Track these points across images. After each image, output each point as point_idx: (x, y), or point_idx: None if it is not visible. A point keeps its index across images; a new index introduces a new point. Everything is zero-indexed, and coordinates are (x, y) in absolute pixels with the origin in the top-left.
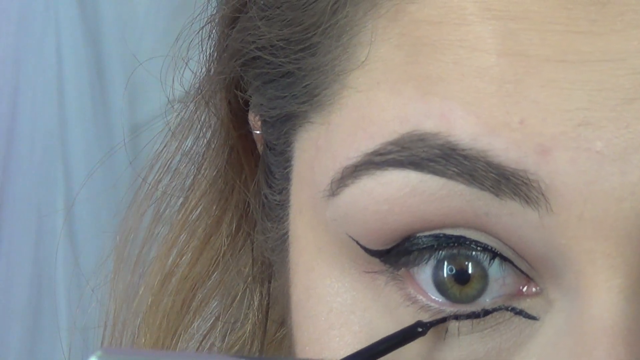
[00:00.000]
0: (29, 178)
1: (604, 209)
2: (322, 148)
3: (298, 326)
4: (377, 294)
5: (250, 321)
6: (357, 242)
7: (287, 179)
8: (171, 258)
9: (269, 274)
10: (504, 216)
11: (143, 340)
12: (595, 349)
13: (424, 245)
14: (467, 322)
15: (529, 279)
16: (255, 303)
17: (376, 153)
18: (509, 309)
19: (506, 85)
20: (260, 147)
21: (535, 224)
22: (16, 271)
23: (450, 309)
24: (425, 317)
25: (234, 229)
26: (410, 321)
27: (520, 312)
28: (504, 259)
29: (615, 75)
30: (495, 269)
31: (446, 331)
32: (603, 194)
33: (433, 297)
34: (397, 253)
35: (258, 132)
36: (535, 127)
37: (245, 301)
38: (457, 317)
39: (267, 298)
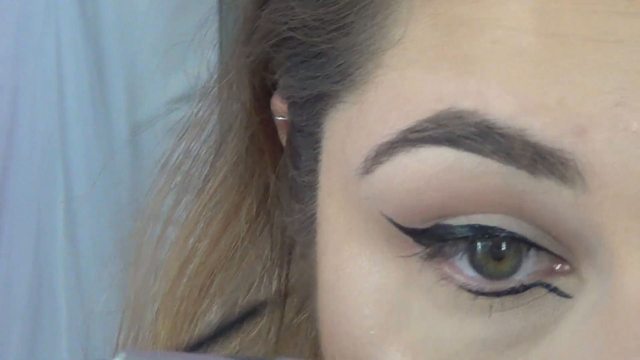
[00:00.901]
0: (29, 178)
1: None
2: (354, 127)
3: (325, 307)
4: (410, 273)
5: (267, 307)
6: (391, 221)
7: (315, 160)
8: (190, 243)
9: (288, 260)
10: (539, 195)
11: (161, 326)
12: (627, 327)
13: (459, 236)
14: (506, 299)
15: (563, 259)
16: (273, 289)
17: (412, 130)
18: (545, 285)
19: (544, 65)
20: (281, 133)
21: (571, 203)
22: (16, 271)
23: (489, 286)
24: (464, 297)
25: (253, 214)
26: (448, 301)
27: (554, 289)
28: (539, 248)
29: None
30: (531, 253)
31: (490, 307)
32: (639, 174)
33: (470, 275)
34: (431, 237)
35: (280, 117)
36: (572, 107)
37: (263, 287)
38: (497, 294)
39: (285, 284)
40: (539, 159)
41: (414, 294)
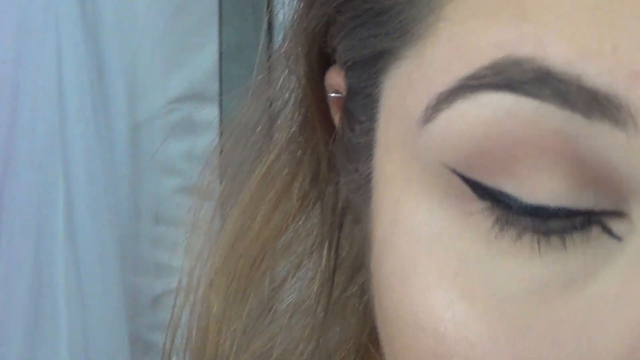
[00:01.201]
0: (29, 178)
1: None
2: (415, 80)
3: (381, 261)
4: (467, 222)
5: (317, 282)
6: (453, 170)
7: (373, 119)
8: (242, 220)
9: (337, 237)
10: (593, 138)
11: (214, 300)
12: None
13: (525, 212)
14: (558, 238)
15: (615, 203)
16: (322, 264)
17: (471, 77)
18: (597, 223)
19: (600, 13)
20: (334, 111)
21: (623, 146)
22: (16, 271)
23: (544, 226)
24: (528, 238)
25: (304, 192)
26: (504, 244)
27: (606, 229)
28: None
29: None
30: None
31: (539, 245)
32: None
33: (523, 216)
34: (493, 198)
35: (334, 94)
36: (627, 54)
37: (313, 263)
38: (551, 231)
39: (334, 259)
40: (594, 103)
41: (470, 240)
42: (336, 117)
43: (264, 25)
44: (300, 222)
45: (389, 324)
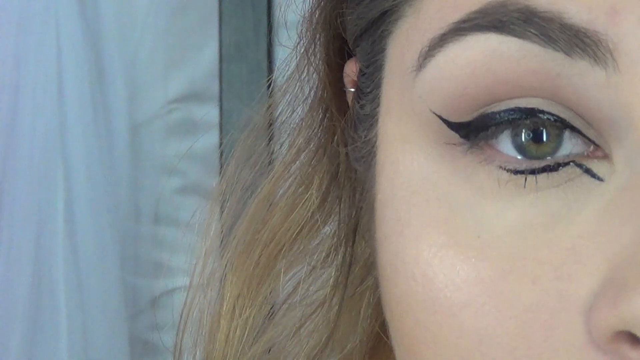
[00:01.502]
0: (29, 178)
1: None
2: (411, 36)
3: (381, 221)
4: (456, 166)
5: (332, 277)
6: (440, 117)
7: (378, 85)
8: (263, 214)
9: (354, 236)
10: (574, 76)
11: (228, 288)
12: None
13: (501, 120)
14: (543, 177)
15: (596, 145)
16: (339, 260)
17: (461, 21)
18: (578, 165)
19: None
20: (351, 103)
21: (603, 83)
22: (16, 271)
23: (525, 164)
24: (503, 176)
25: (324, 189)
26: (488, 182)
27: (587, 171)
28: (573, 128)
29: None
30: (566, 136)
31: (525, 180)
32: None
33: (509, 155)
34: (476, 128)
35: (352, 89)
36: None
37: (330, 258)
38: (533, 171)
39: (350, 255)
40: (575, 40)
41: (458, 186)
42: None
43: (263, 25)
44: (319, 219)
45: (386, 280)
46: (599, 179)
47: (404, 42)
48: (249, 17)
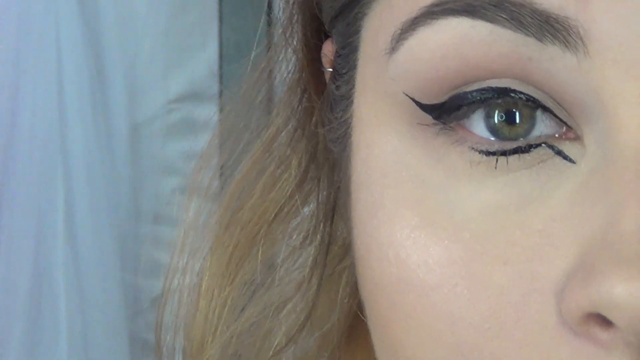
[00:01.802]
0: (29, 178)
1: (637, 53)
2: (384, 18)
3: (356, 203)
4: (428, 148)
5: (311, 256)
6: (412, 99)
7: (353, 67)
8: (242, 193)
9: (332, 216)
10: (545, 61)
11: (208, 268)
12: (621, 178)
13: (473, 100)
14: (515, 158)
15: (568, 127)
16: (317, 240)
17: (433, 5)
18: (550, 146)
19: None
20: (327, 83)
21: (574, 68)
22: (16, 271)
23: (497, 145)
24: (475, 157)
25: (303, 168)
26: (459, 163)
27: (559, 152)
28: (545, 109)
29: None
30: (539, 117)
31: (496, 162)
32: (637, 39)
33: (482, 136)
34: (448, 109)
35: (330, 69)
36: None
37: (309, 238)
38: (504, 152)
39: (328, 234)
40: (546, 25)
41: (430, 167)
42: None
43: (261, 25)
44: (298, 198)
45: (361, 262)
46: (571, 160)
47: (377, 25)
48: (249, 17)
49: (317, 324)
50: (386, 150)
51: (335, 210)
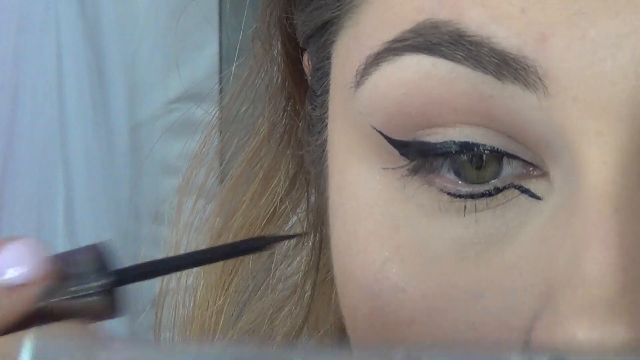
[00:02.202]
0: (29, 178)
1: (597, 92)
2: (351, 48)
3: (332, 226)
4: (399, 184)
5: (304, 261)
6: (380, 132)
7: (326, 91)
8: (233, 199)
9: (322, 220)
10: (506, 99)
11: (203, 278)
12: (587, 217)
13: (438, 152)
14: (482, 201)
15: (534, 165)
16: (310, 245)
17: (395, 41)
18: (517, 187)
19: None
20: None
21: (534, 106)
22: None
23: (466, 189)
24: (444, 200)
25: (291, 175)
26: (430, 204)
27: (526, 191)
28: (510, 156)
29: None
30: (505, 161)
31: (464, 208)
32: (596, 78)
33: (450, 179)
34: (414, 151)
35: (311, 78)
36: (534, 16)
37: (301, 243)
38: (472, 195)
39: (320, 240)
40: (504, 64)
41: (402, 204)
42: None
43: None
44: (289, 204)
45: (339, 287)
46: (538, 197)
47: (345, 54)
48: (249, 17)
49: (314, 328)
50: (358, 181)
51: (326, 217)
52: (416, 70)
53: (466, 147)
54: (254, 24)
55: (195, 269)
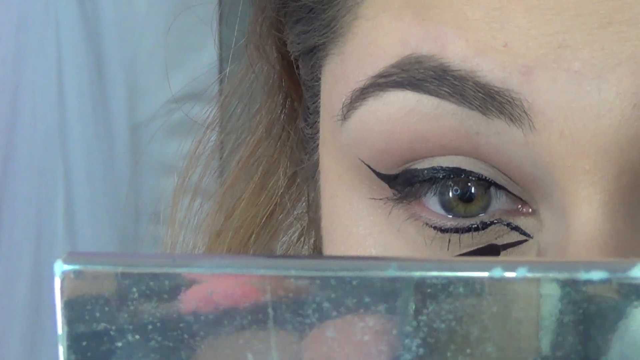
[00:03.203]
0: (29, 178)
1: (583, 126)
2: (338, 77)
3: (325, 248)
4: (387, 216)
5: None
6: (369, 166)
7: (317, 112)
8: (231, 199)
9: (319, 217)
10: (492, 135)
11: None
12: (577, 256)
13: (425, 178)
14: (468, 236)
15: (523, 201)
16: (311, 242)
17: (380, 75)
18: (506, 223)
19: (492, 12)
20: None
21: (521, 142)
22: (16, 271)
23: (451, 223)
24: (430, 233)
25: (290, 174)
26: (416, 237)
27: (516, 228)
28: (498, 186)
29: (591, 1)
30: (493, 193)
31: (449, 241)
32: (582, 111)
33: (437, 213)
34: (402, 182)
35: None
36: (518, 49)
37: (303, 241)
38: (457, 230)
39: (320, 241)
40: (489, 99)
41: (392, 236)
42: None
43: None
44: (289, 203)
45: None
46: (528, 235)
47: (332, 82)
48: (249, 17)
49: None
50: (348, 209)
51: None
52: (401, 107)
53: (454, 172)
54: None
55: None
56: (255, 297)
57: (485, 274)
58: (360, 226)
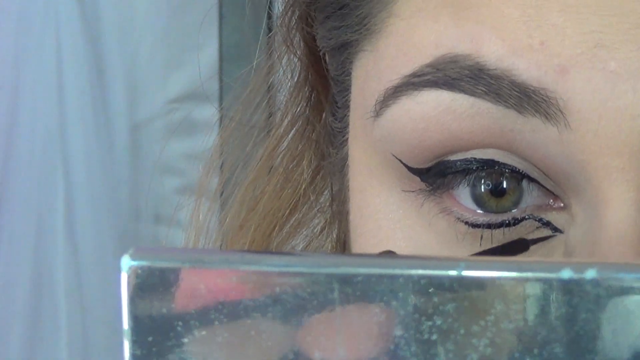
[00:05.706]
0: (29, 178)
1: (618, 125)
2: (370, 73)
3: (353, 245)
4: (418, 210)
5: (329, 251)
6: (400, 161)
7: (346, 107)
8: (255, 191)
9: (347, 211)
10: (527, 132)
11: None
12: (609, 254)
13: (458, 169)
14: (499, 232)
15: (555, 196)
16: (334, 235)
17: (414, 75)
18: (537, 219)
19: (528, 11)
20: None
21: (556, 140)
22: (16, 271)
23: (483, 218)
24: (461, 228)
25: (314, 167)
26: (448, 231)
27: (547, 224)
28: (531, 179)
29: (628, 1)
30: (525, 188)
31: (480, 237)
32: (616, 110)
33: (468, 207)
34: (434, 174)
35: None
36: (554, 48)
37: (325, 234)
38: (489, 225)
39: (345, 234)
40: (524, 97)
41: (422, 229)
42: None
43: (263, 25)
44: (312, 196)
45: None
46: (559, 230)
47: (364, 79)
48: (249, 17)
49: None
50: (378, 203)
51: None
52: (435, 106)
53: (487, 163)
54: (254, 24)
55: None
56: (323, 295)
57: (554, 275)
58: (390, 219)
